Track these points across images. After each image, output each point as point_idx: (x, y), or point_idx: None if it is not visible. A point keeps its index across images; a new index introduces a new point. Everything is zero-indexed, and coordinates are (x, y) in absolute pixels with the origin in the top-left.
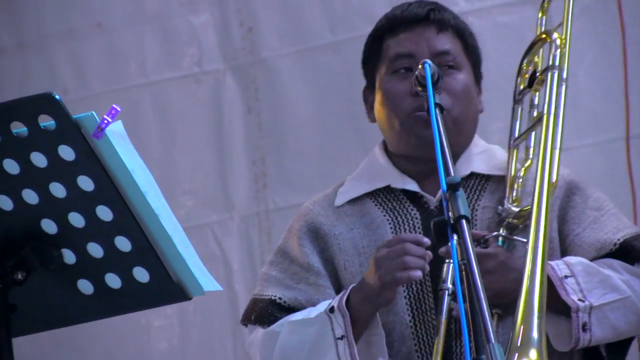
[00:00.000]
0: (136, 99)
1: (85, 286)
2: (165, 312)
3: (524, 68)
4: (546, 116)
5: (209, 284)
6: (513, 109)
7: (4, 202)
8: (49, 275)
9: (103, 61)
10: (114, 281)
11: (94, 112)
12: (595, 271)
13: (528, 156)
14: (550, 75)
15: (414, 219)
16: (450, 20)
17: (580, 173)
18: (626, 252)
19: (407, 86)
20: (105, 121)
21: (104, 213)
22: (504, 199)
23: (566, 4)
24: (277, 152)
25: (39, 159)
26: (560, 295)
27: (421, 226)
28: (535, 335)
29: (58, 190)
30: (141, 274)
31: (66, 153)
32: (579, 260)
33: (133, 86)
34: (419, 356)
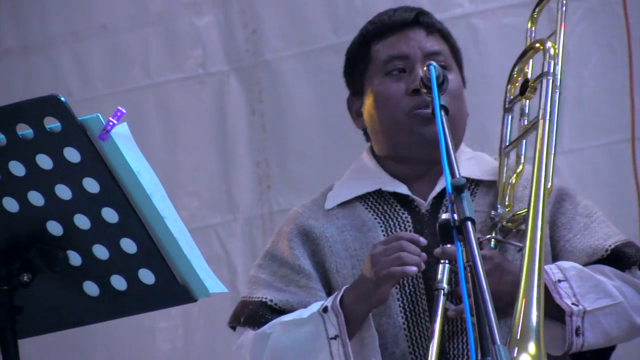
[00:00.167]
0: (140, 101)
1: (90, 288)
2: (170, 313)
3: (514, 76)
4: (542, 121)
5: (214, 285)
6: (503, 116)
7: (10, 204)
8: (54, 277)
9: (107, 63)
10: (119, 283)
11: (99, 114)
12: (588, 276)
13: (519, 162)
14: (545, 82)
15: (405, 222)
16: (436, 24)
17: (585, 174)
18: (617, 259)
19: (402, 87)
20: (111, 123)
21: (110, 215)
22: (494, 203)
23: (558, 13)
24: (281, 154)
25: (44, 161)
26: (554, 299)
27: (412, 229)
28: (534, 324)
29: (64, 192)
30: (147, 276)
31: (72, 155)
32: (572, 265)
33: (137, 88)
34: (412, 358)
